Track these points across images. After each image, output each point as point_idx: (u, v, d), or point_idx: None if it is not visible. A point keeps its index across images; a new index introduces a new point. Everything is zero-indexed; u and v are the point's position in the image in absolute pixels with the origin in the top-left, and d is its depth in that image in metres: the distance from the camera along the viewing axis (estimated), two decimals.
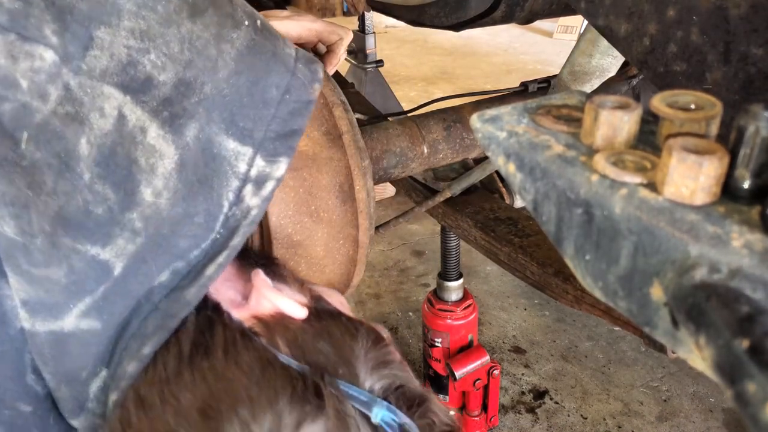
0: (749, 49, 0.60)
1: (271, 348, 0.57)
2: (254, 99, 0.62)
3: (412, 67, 5.14)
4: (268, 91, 0.63)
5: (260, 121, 0.63)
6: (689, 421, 1.70)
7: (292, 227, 0.99)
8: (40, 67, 0.53)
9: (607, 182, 0.39)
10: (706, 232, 0.35)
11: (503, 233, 1.32)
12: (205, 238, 0.60)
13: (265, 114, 0.63)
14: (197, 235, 0.60)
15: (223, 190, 0.61)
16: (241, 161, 0.61)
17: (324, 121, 1.00)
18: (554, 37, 5.82)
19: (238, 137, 0.61)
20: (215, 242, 0.61)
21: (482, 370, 1.50)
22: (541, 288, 1.21)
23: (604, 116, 0.41)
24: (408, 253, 2.52)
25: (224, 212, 0.61)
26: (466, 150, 1.30)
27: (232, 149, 0.61)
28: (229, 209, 0.61)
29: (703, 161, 0.35)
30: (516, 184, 0.45)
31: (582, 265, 0.42)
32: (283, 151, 0.66)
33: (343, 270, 1.10)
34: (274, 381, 0.53)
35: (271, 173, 0.64)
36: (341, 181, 1.01)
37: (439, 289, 1.53)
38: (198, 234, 0.60)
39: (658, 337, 0.39)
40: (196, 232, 0.60)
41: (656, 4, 0.68)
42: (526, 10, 1.24)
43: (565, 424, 1.70)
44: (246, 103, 0.61)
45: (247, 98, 0.61)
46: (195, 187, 0.59)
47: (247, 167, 0.62)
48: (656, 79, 0.71)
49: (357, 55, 3.29)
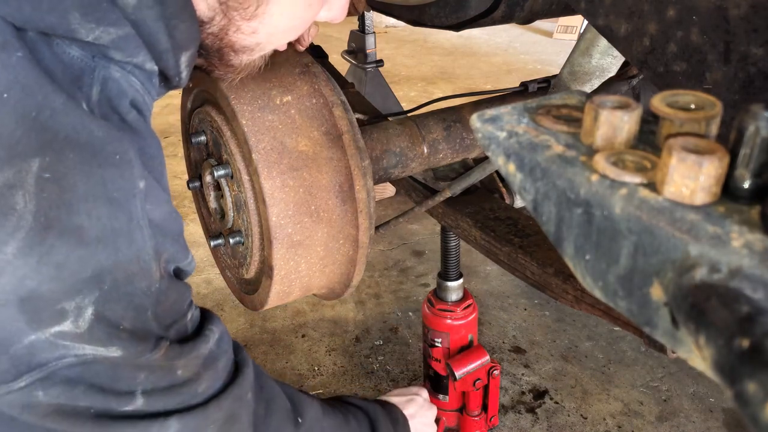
0: (749, 49, 0.60)
1: None
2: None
3: (412, 66, 5.14)
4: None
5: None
6: (689, 421, 1.70)
7: (292, 227, 0.99)
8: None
9: (607, 182, 0.39)
10: (706, 232, 0.35)
11: (503, 233, 1.32)
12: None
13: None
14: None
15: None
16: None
17: (324, 121, 1.01)
18: (554, 37, 5.82)
19: None
20: None
21: (482, 370, 1.50)
22: (541, 288, 1.21)
23: (604, 116, 0.41)
24: (408, 252, 2.52)
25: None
26: (466, 150, 1.30)
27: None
28: None
29: (703, 161, 0.35)
30: (516, 184, 0.45)
31: (582, 265, 0.42)
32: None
33: (343, 270, 1.10)
34: None
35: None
36: (341, 181, 1.01)
37: (439, 289, 1.53)
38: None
39: (658, 337, 0.39)
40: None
41: (656, 4, 0.68)
42: (526, 10, 1.24)
43: (565, 424, 1.70)
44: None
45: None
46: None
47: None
48: (656, 79, 0.71)
49: (357, 55, 3.29)
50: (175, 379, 0.75)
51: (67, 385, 0.66)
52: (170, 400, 0.75)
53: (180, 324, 0.77)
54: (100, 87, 0.67)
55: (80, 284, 0.63)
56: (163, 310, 0.73)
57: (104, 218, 0.64)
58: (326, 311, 2.18)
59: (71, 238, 0.61)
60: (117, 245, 0.65)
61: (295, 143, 0.98)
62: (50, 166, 0.61)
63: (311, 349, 2.01)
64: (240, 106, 0.96)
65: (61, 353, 0.64)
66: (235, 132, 0.99)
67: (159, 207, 0.70)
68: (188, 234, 2.68)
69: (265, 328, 2.11)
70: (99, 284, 0.64)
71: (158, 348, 0.72)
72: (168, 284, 0.73)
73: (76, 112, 0.63)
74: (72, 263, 0.62)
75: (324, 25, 1.01)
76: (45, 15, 0.62)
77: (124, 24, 0.67)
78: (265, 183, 0.95)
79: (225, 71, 0.88)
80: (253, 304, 1.15)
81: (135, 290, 0.68)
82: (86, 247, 0.62)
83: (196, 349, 0.78)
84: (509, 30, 6.00)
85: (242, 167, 0.99)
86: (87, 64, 0.66)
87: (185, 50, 0.75)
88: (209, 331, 0.82)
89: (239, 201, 1.04)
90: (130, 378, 0.71)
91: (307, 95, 1.01)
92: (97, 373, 0.68)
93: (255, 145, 0.95)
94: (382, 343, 2.03)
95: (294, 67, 1.04)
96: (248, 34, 0.81)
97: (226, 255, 1.22)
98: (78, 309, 0.63)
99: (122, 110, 0.69)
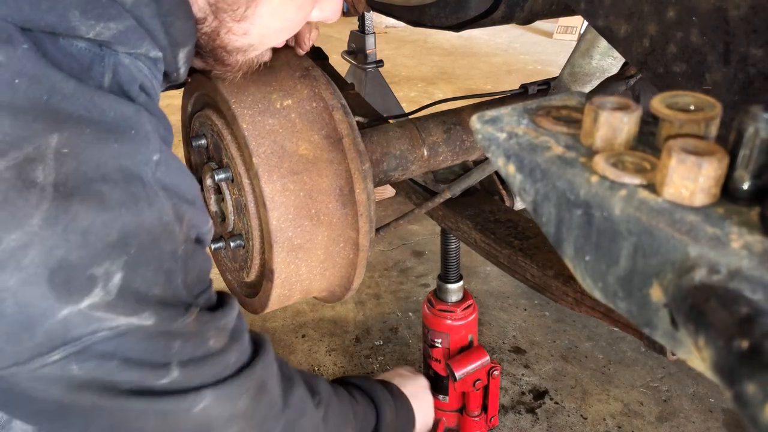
0: (749, 50, 0.60)
1: None
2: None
3: (412, 67, 5.14)
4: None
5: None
6: (689, 422, 1.70)
7: (292, 231, 0.99)
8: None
9: (606, 183, 0.39)
10: (706, 233, 0.35)
11: (503, 235, 1.32)
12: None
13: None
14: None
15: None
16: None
17: (324, 125, 1.01)
18: (554, 38, 5.82)
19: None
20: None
21: (482, 371, 1.50)
22: (541, 290, 1.21)
23: (604, 117, 0.41)
24: (408, 253, 2.52)
25: None
26: (466, 152, 1.30)
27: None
28: None
29: (702, 162, 0.35)
30: (516, 185, 0.45)
31: (582, 266, 0.43)
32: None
33: (344, 273, 1.10)
34: None
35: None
36: (341, 185, 1.01)
37: (439, 290, 1.53)
38: None
39: (658, 338, 0.39)
40: None
41: (656, 5, 0.68)
42: (526, 11, 1.24)
43: (565, 425, 1.71)
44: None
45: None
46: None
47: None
48: (656, 80, 0.71)
49: (357, 56, 3.29)
50: (209, 350, 0.76)
51: (102, 359, 0.66)
52: (205, 371, 0.76)
53: (207, 294, 0.78)
54: (111, 74, 0.69)
55: (108, 248, 0.63)
56: (191, 278, 0.74)
57: (121, 184, 0.65)
58: (326, 311, 2.18)
59: (93, 203, 0.62)
60: (139, 208, 0.66)
61: (295, 147, 0.98)
62: (68, 140, 0.62)
63: (311, 349, 2.01)
64: (240, 109, 0.96)
65: (94, 327, 0.64)
66: (236, 136, 0.99)
67: (173, 174, 0.72)
68: None
69: (265, 328, 2.11)
70: (126, 247, 0.65)
71: (189, 313, 0.72)
72: (193, 249, 0.74)
73: (87, 94, 0.65)
74: (97, 228, 0.62)
75: (324, 26, 1.01)
76: (44, 14, 0.63)
77: (125, 17, 0.68)
78: (265, 187, 0.95)
79: (223, 70, 0.89)
80: (254, 307, 1.15)
81: (162, 254, 0.69)
82: (109, 212, 0.63)
83: (225, 317, 0.79)
84: (509, 30, 6.00)
85: (243, 171, 1.00)
86: (96, 53, 0.68)
87: (182, 46, 0.77)
88: (231, 300, 0.84)
89: (240, 204, 1.04)
90: (165, 348, 0.71)
91: (308, 99, 1.01)
92: (131, 345, 0.68)
93: (255, 149, 0.95)
94: (382, 344, 2.03)
95: (294, 71, 1.04)
96: (240, 35, 0.82)
97: (226, 258, 1.22)
98: (107, 274, 0.64)
99: (133, 94, 0.70)
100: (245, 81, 0.98)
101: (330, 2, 0.89)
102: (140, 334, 0.68)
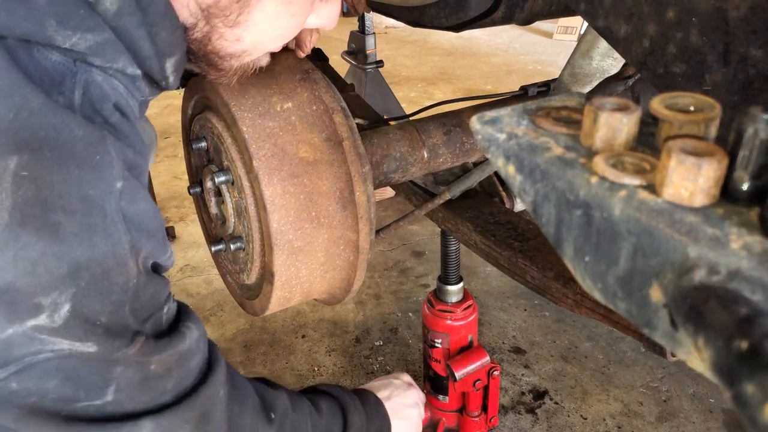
0: (748, 51, 0.60)
1: None
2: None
3: (412, 67, 5.14)
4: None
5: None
6: (689, 422, 1.70)
7: (292, 233, 0.99)
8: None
9: (606, 184, 0.39)
10: (705, 234, 0.35)
11: (503, 237, 1.32)
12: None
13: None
14: None
15: None
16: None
17: (324, 128, 1.01)
18: (554, 38, 5.83)
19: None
20: None
21: (482, 371, 1.50)
22: (541, 292, 1.21)
23: (604, 118, 0.41)
24: (408, 253, 2.52)
25: None
26: (466, 154, 1.30)
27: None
28: None
29: (702, 163, 0.35)
30: (516, 186, 0.45)
31: (581, 266, 0.43)
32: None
33: (344, 275, 1.10)
34: None
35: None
36: (341, 187, 1.01)
37: (440, 291, 1.53)
38: None
39: (658, 338, 0.39)
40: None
41: (656, 6, 0.68)
42: (526, 11, 1.24)
43: (564, 425, 1.71)
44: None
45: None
46: None
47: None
48: (656, 81, 0.71)
49: (357, 56, 3.29)
50: (148, 374, 0.75)
51: (41, 378, 0.66)
52: (140, 396, 0.74)
53: (156, 317, 0.77)
54: (82, 91, 0.67)
55: (57, 280, 0.63)
56: (140, 304, 0.73)
57: (79, 215, 0.64)
58: (326, 312, 2.18)
59: (47, 234, 0.62)
60: (93, 241, 0.65)
61: (295, 150, 0.98)
62: (28, 164, 0.61)
63: (311, 349, 2.01)
64: (241, 113, 0.96)
65: (37, 348, 0.64)
66: (236, 139, 0.99)
67: (136, 204, 0.70)
68: (189, 234, 2.68)
69: (265, 328, 2.11)
70: (76, 280, 0.64)
71: (134, 343, 0.71)
72: (146, 279, 0.73)
73: (55, 112, 0.64)
74: (48, 259, 0.62)
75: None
76: (21, 22, 0.62)
77: (104, 30, 0.67)
78: (266, 190, 0.95)
79: (217, 75, 0.88)
80: (254, 309, 1.16)
81: (112, 286, 0.68)
82: (62, 244, 0.63)
83: (172, 346, 0.78)
84: (509, 31, 6.00)
85: (243, 174, 1.00)
86: (68, 68, 0.67)
87: (169, 56, 0.76)
88: (186, 328, 0.81)
89: (240, 207, 1.04)
90: (105, 372, 0.70)
91: (308, 102, 1.01)
92: (73, 367, 0.67)
93: (256, 152, 0.95)
94: (382, 344, 2.03)
95: (294, 74, 1.04)
96: (232, 41, 0.81)
97: (227, 260, 1.22)
98: (54, 304, 0.63)
99: (106, 113, 0.69)
100: (245, 84, 0.98)
101: (327, 9, 0.88)
102: (83, 357, 0.68)
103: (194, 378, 0.83)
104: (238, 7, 0.77)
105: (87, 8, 0.65)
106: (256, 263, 1.06)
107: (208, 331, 2.10)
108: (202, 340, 0.85)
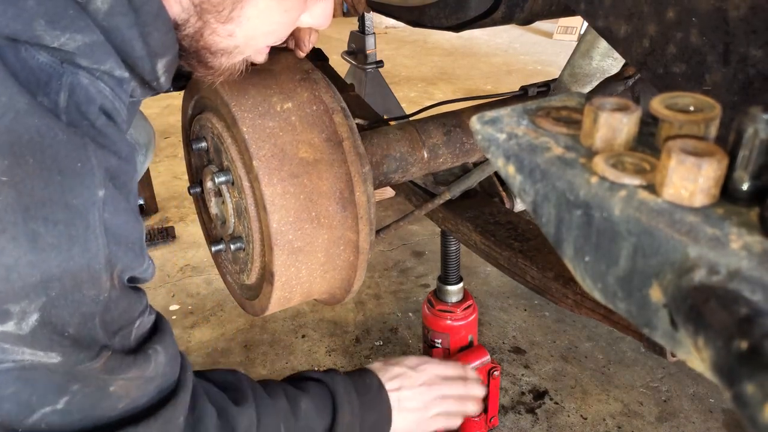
0: (748, 51, 0.60)
1: None
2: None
3: (412, 67, 5.14)
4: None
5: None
6: (689, 422, 1.70)
7: (292, 233, 0.99)
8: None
9: (606, 184, 0.39)
10: (705, 234, 0.35)
11: (503, 237, 1.32)
12: None
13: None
14: None
15: None
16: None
17: (324, 128, 1.01)
18: (554, 38, 5.83)
19: None
20: None
21: (482, 371, 1.50)
22: (541, 292, 1.21)
23: (604, 118, 0.41)
24: (408, 253, 2.52)
25: None
26: (466, 154, 1.30)
27: None
28: None
29: (702, 163, 0.35)
30: (516, 186, 0.45)
31: (581, 266, 0.43)
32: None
33: (344, 275, 1.10)
34: None
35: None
36: (341, 187, 1.01)
37: (439, 292, 1.53)
38: None
39: (658, 338, 0.39)
40: None
41: (656, 6, 0.68)
42: (526, 11, 1.24)
43: (565, 425, 1.71)
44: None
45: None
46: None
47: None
48: (656, 81, 0.71)
49: (357, 56, 3.29)
50: (105, 395, 0.73)
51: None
52: (87, 412, 0.73)
53: (125, 331, 0.75)
54: (67, 93, 0.67)
55: (28, 288, 0.62)
56: (111, 317, 0.72)
57: (62, 225, 0.63)
58: (326, 312, 2.18)
59: (24, 242, 0.61)
60: (71, 253, 0.64)
61: (295, 150, 0.98)
62: (9, 169, 0.60)
63: (311, 349, 2.01)
64: (241, 113, 0.96)
65: (0, 357, 0.64)
66: (236, 139, 0.99)
67: (118, 215, 0.69)
68: (189, 234, 2.68)
69: (265, 328, 2.11)
70: (47, 290, 0.63)
71: (99, 357, 0.70)
72: (119, 294, 0.72)
73: (40, 115, 0.63)
74: (22, 267, 0.61)
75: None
76: (9, 21, 0.62)
77: (93, 31, 0.67)
78: (266, 190, 0.95)
79: (204, 73, 0.87)
80: (254, 309, 1.16)
81: (83, 298, 0.67)
82: (39, 253, 0.62)
83: (137, 366, 0.76)
84: (509, 31, 6.00)
85: (243, 174, 1.00)
86: (55, 69, 0.66)
87: (161, 57, 0.75)
88: (153, 351, 0.79)
89: (240, 207, 1.04)
90: (62, 385, 0.69)
91: (308, 102, 1.02)
92: (32, 378, 0.67)
93: (256, 152, 0.95)
94: (382, 344, 2.03)
95: (294, 74, 1.04)
96: (224, 36, 0.80)
97: (227, 260, 1.22)
98: (23, 313, 0.63)
99: (91, 116, 0.68)
100: (245, 84, 0.98)
101: (320, 8, 0.87)
102: (43, 369, 0.67)
103: (151, 398, 0.80)
104: (231, 3, 0.77)
105: (77, 9, 0.65)
106: (256, 263, 1.06)
107: (208, 331, 2.10)
108: (169, 365, 0.82)
